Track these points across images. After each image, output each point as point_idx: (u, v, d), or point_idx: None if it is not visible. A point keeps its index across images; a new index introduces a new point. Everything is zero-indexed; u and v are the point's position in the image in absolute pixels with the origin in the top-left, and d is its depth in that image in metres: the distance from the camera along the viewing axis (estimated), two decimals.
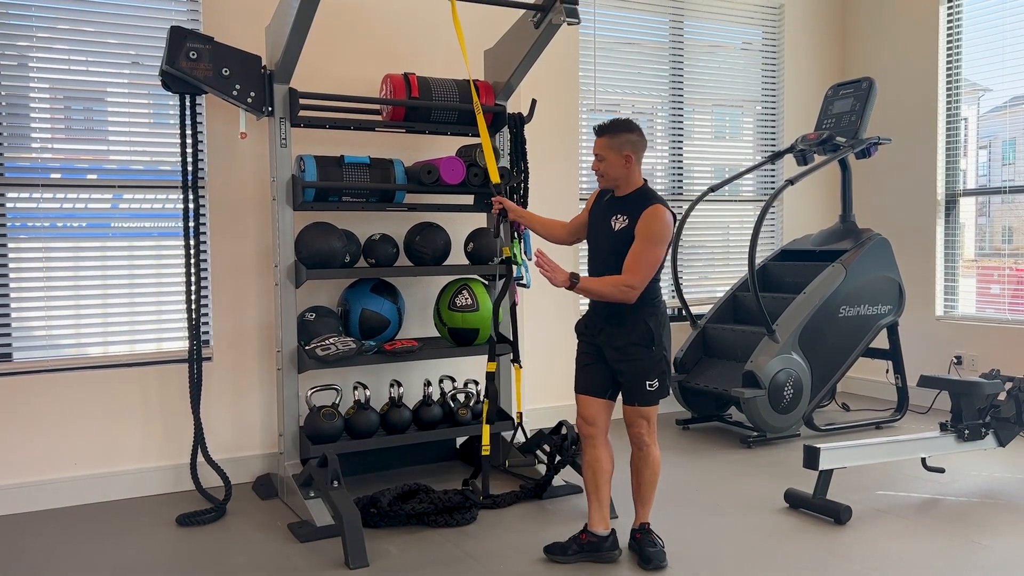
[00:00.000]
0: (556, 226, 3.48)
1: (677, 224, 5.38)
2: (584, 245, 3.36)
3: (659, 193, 3.16)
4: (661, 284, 3.18)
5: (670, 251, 3.36)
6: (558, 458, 3.91)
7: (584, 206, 3.33)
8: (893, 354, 5.41)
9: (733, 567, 3.16)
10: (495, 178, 3.35)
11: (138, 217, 4.23)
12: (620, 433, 3.29)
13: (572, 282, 3.02)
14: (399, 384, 4.13)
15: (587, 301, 3.28)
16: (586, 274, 3.21)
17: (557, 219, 3.56)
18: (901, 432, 4.97)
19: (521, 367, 3.83)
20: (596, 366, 3.19)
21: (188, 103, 3.78)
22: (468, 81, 4.25)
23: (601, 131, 3.10)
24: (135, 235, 4.23)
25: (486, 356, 3.79)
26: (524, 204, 4.43)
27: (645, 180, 3.14)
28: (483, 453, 3.67)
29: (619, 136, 3.06)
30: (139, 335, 4.17)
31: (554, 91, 5.15)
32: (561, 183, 5.23)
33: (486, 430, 3.64)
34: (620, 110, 5.79)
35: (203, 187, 4.14)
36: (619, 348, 3.11)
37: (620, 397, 3.19)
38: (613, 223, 3.09)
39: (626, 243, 3.03)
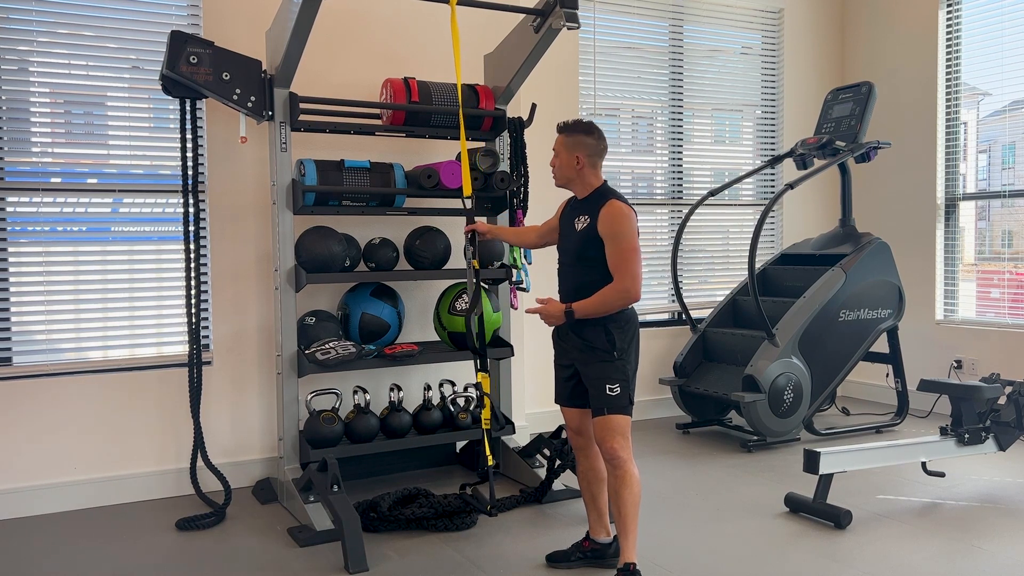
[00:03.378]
0: (527, 233, 3.49)
1: (677, 228, 5.43)
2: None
3: (624, 192, 3.07)
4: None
5: (670, 254, 3.31)
6: (558, 462, 3.91)
7: (555, 212, 3.28)
8: (893, 358, 5.42)
9: (733, 572, 3.15)
10: (467, 190, 3.34)
11: (138, 221, 4.23)
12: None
13: (568, 312, 2.98)
14: (399, 388, 4.12)
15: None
16: (555, 280, 3.15)
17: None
18: (901, 436, 4.96)
19: (488, 376, 3.56)
20: (572, 376, 3.12)
21: (188, 107, 3.79)
22: (468, 85, 4.26)
23: (560, 129, 3.09)
24: (135, 239, 4.23)
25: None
26: (524, 208, 4.43)
27: (605, 180, 3.08)
28: (489, 464, 3.39)
29: (574, 136, 3.03)
30: (139, 339, 4.17)
31: (554, 95, 5.16)
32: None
33: (486, 441, 3.51)
34: (620, 114, 5.80)
35: (203, 191, 4.14)
36: (581, 351, 3.03)
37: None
38: (576, 224, 3.05)
39: (589, 241, 2.98)
